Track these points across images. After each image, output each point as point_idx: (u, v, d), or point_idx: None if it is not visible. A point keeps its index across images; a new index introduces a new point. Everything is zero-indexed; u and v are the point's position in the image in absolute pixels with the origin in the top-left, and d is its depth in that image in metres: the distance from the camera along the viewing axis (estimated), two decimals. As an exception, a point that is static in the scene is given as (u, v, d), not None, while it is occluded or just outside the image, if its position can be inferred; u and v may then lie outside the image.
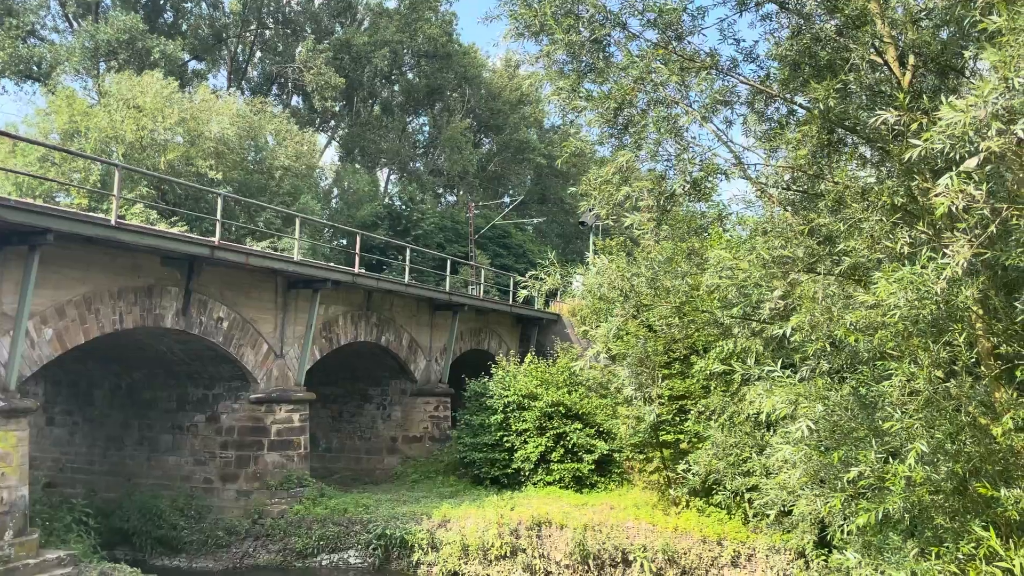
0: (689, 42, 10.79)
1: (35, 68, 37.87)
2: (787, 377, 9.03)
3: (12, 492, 13.70)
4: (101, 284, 15.78)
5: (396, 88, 53.14)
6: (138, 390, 20.61)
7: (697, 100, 10.75)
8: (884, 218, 8.45)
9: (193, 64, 44.97)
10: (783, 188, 10.48)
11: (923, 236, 8.11)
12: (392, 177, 54.92)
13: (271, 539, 18.45)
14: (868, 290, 7.89)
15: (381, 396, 26.12)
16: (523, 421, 21.88)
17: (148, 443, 20.32)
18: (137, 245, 15.66)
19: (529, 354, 24.75)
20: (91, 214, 15.59)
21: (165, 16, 44.22)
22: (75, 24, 40.16)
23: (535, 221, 52.74)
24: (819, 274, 8.90)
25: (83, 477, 20.81)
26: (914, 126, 7.34)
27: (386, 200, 47.87)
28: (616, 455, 21.36)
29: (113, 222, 15.00)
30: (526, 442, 21.71)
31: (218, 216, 18.25)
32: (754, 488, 14.01)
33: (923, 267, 7.20)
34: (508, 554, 17.29)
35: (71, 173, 27.42)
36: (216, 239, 17.36)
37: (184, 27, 44.27)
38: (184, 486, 19.49)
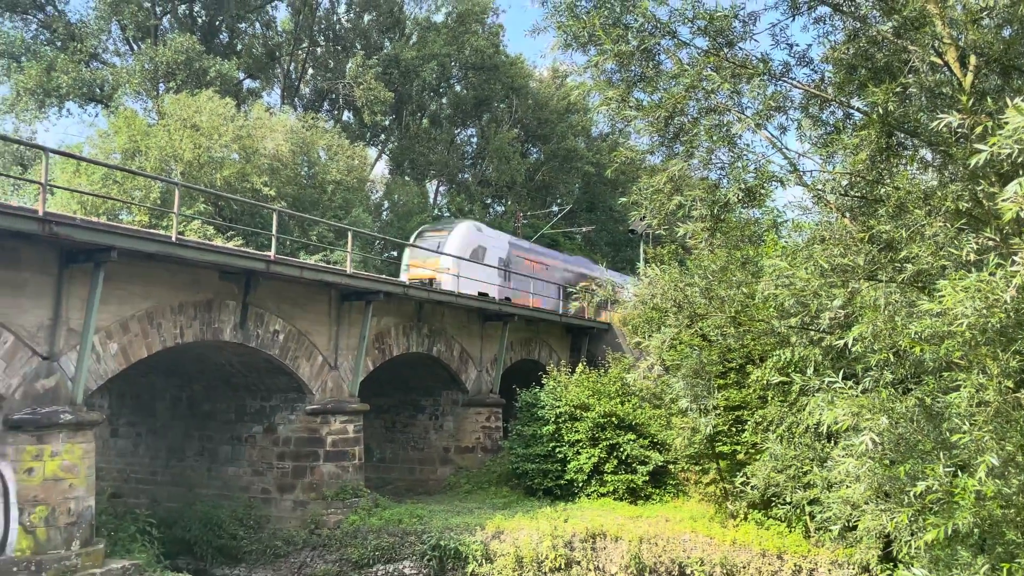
0: (740, 48, 10.69)
1: (98, 91, 39.17)
2: (849, 388, 8.81)
3: (79, 503, 14.11)
4: (162, 299, 16.20)
5: (444, 101, 53.61)
6: (198, 402, 21.08)
7: (750, 107, 10.62)
8: (948, 224, 8.23)
9: (248, 83, 46.05)
10: (841, 194, 10.26)
11: (990, 242, 7.87)
12: (441, 188, 55.34)
13: (328, 549, 18.65)
14: (933, 298, 7.67)
15: (433, 407, 26.25)
16: (575, 432, 21.77)
17: (208, 454, 20.76)
18: (196, 260, 16.04)
19: (580, 364, 24.63)
20: (152, 231, 16.04)
21: (220, 37, 45.35)
22: (135, 47, 41.45)
23: (584, 230, 52.60)
24: (880, 282, 8.69)
25: (146, 488, 21.34)
26: (978, 129, 7.14)
27: (435, 211, 48.25)
28: (671, 466, 21.10)
29: (173, 238, 15.39)
30: (579, 453, 21.59)
31: (273, 231, 18.58)
32: (815, 501, 13.70)
33: (991, 274, 6.98)
34: (563, 567, 17.18)
35: (133, 191, 28.27)
36: (271, 253, 17.69)
37: (239, 47, 45.35)
38: (243, 496, 19.84)
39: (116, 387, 20.68)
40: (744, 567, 16.41)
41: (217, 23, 44.89)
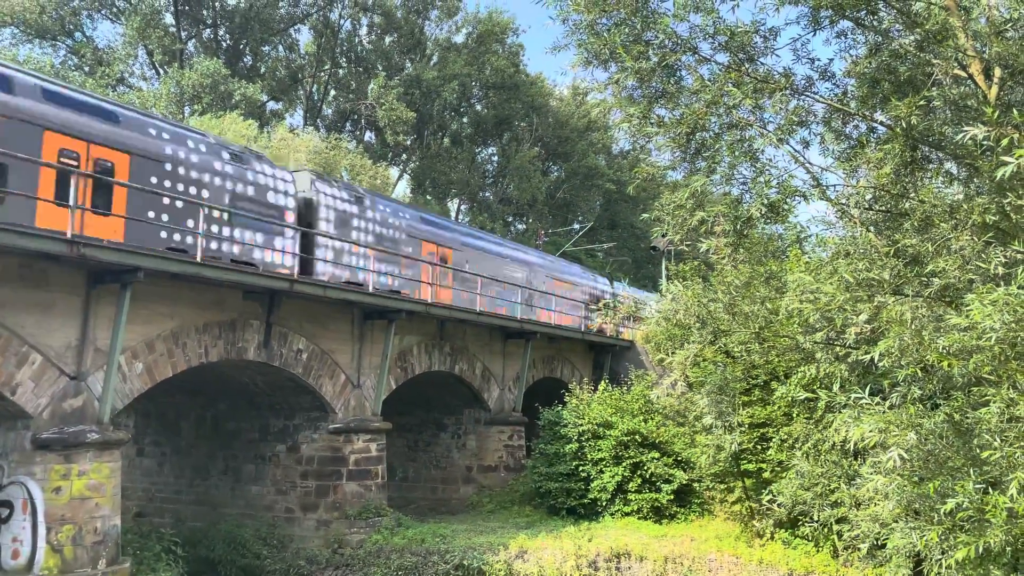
0: (762, 63, 10.69)
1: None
2: (876, 404, 8.69)
3: (105, 522, 14.21)
4: (187, 319, 16.35)
5: (465, 120, 54.01)
6: (222, 421, 21.20)
7: (772, 121, 10.59)
8: (975, 237, 8.13)
9: (271, 104, 46.67)
10: (865, 208, 10.18)
11: (1018, 255, 7.76)
12: (463, 207, 55.62)
13: (351, 569, 18.61)
14: (961, 313, 7.57)
15: (455, 425, 26.21)
16: (598, 450, 21.62)
17: (232, 473, 20.85)
18: (220, 280, 16.19)
19: (603, 381, 24.50)
20: (178, 252, 16.21)
21: (244, 60, 46.07)
22: (161, 71, 42.19)
23: (605, 247, 52.57)
24: (907, 296, 8.59)
25: (171, 507, 21.45)
26: (1004, 141, 7.07)
27: (457, 230, 48.40)
28: (695, 485, 20.87)
29: (198, 258, 15.57)
30: (602, 471, 21.44)
31: (296, 250, 18.74)
32: (843, 519, 13.49)
33: (1020, 287, 6.88)
34: (587, 586, 17.01)
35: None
36: (295, 273, 17.82)
37: (262, 69, 46.02)
38: (266, 515, 19.88)
39: (141, 406, 20.85)
40: (771, 587, 16.17)
41: (241, 47, 45.62)
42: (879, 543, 11.11)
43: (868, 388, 9.17)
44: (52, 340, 13.93)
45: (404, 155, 52.23)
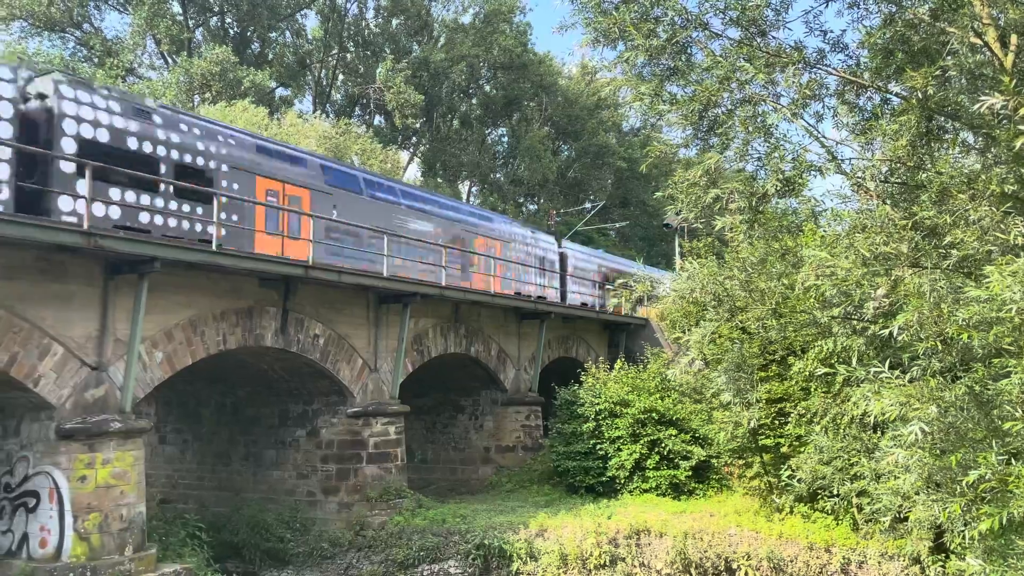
0: (774, 37, 10.57)
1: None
2: (896, 377, 8.66)
3: (131, 509, 14.42)
4: (205, 307, 16.47)
5: (474, 101, 53.79)
6: (242, 407, 21.41)
7: (785, 95, 10.50)
8: (993, 208, 8.06)
9: (280, 91, 46.62)
10: (881, 181, 10.10)
11: (1038, 225, 7.69)
12: (474, 189, 55.54)
13: (373, 550, 18.82)
14: (980, 284, 7.52)
15: (472, 406, 26.36)
16: (616, 428, 21.70)
17: (253, 458, 21.07)
18: (236, 268, 16.28)
19: (619, 360, 24.55)
20: (193, 241, 16.29)
21: (252, 47, 45.99)
22: (170, 60, 42.19)
23: (618, 225, 52.41)
24: (925, 269, 8.53)
25: (194, 493, 21.73)
26: (1022, 110, 6.97)
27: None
28: (714, 461, 20.93)
29: (213, 247, 15.66)
30: (620, 449, 21.52)
31: (310, 236, 18.79)
32: (863, 493, 13.49)
33: (1041, 258, 6.82)
34: (607, 563, 17.15)
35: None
36: (310, 259, 17.88)
37: (270, 56, 45.95)
38: (288, 499, 20.11)
39: (162, 395, 21.08)
40: (791, 561, 16.23)
41: (248, 33, 45.51)
42: (900, 516, 11.12)
43: (888, 362, 9.14)
44: (73, 331, 14.08)
45: (414, 138, 52.13)
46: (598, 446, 21.86)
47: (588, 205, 51.73)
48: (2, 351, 13.07)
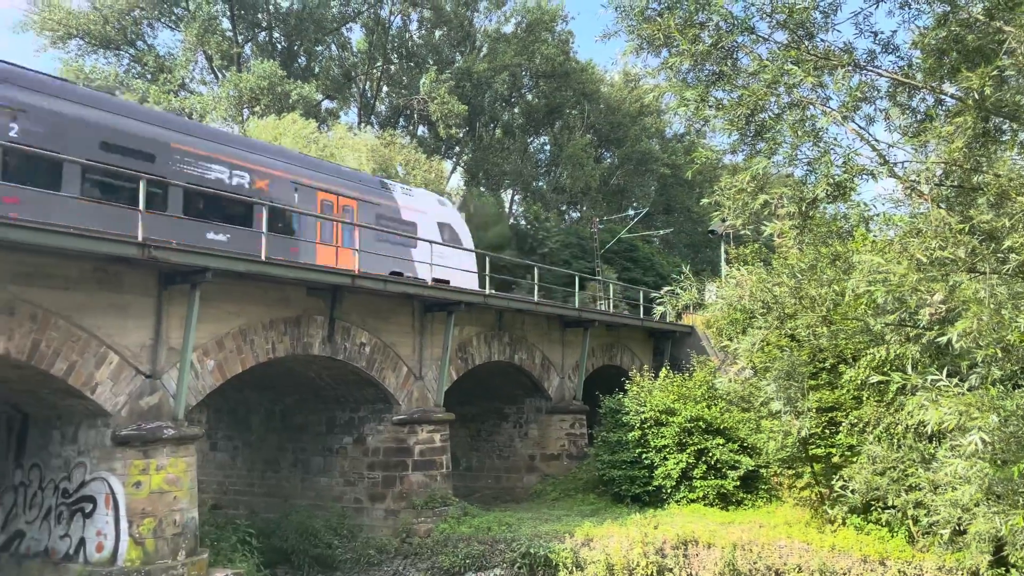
0: (822, 39, 10.40)
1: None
2: (954, 386, 8.43)
3: (183, 514, 14.70)
4: (254, 316, 16.76)
5: (516, 110, 53.98)
6: (291, 415, 21.71)
7: (834, 99, 10.31)
8: (1055, 210, 7.80)
9: (326, 103, 47.35)
10: (936, 184, 9.85)
11: (1103, 227, 7.43)
12: (516, 197, 55.66)
13: (419, 557, 18.90)
14: (1042, 289, 7.29)
15: (517, 414, 26.35)
16: (662, 437, 21.49)
17: (301, 465, 21.35)
18: (284, 278, 16.55)
19: (664, 368, 24.31)
20: (242, 252, 16.59)
21: (299, 61, 46.83)
22: (220, 75, 43.16)
23: (661, 232, 52.05)
24: (983, 274, 8.30)
25: (244, 499, 22.08)
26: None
27: (511, 220, 48.55)
28: (763, 471, 20.60)
29: (263, 257, 15.93)
30: (666, 459, 21.30)
31: (357, 246, 19.02)
32: (919, 504, 13.14)
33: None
34: (654, 574, 16.95)
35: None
36: (356, 268, 18.10)
37: (316, 69, 46.72)
38: (336, 506, 20.31)
39: (213, 402, 21.47)
40: (844, 573, 15.87)
41: (295, 47, 46.35)
42: (960, 528, 10.81)
43: (945, 370, 8.90)
44: (128, 340, 14.44)
45: (457, 148, 52.48)
46: (644, 455, 21.67)
47: (631, 212, 51.49)
48: (61, 360, 13.46)
